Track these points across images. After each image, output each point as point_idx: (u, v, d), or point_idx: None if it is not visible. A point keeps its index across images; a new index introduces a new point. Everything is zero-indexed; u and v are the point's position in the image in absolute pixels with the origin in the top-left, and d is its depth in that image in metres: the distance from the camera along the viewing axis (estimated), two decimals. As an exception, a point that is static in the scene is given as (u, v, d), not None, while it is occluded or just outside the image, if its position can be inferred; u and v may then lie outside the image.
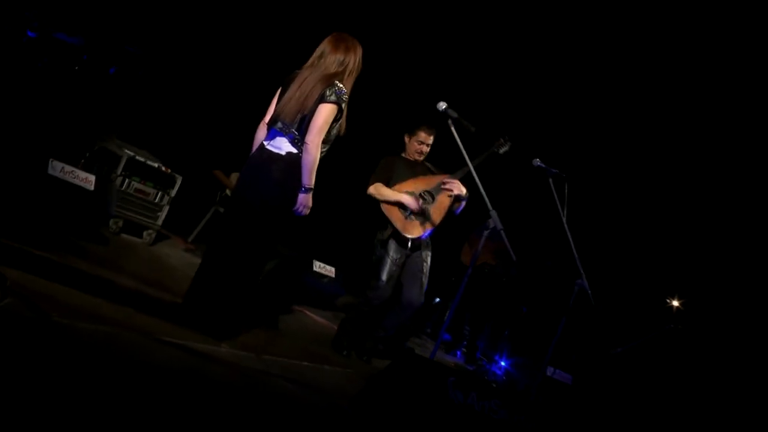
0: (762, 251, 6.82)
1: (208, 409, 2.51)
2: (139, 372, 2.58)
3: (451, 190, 4.54)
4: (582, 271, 4.35)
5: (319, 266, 5.95)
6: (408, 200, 4.50)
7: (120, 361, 2.60)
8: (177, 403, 2.43)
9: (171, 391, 2.52)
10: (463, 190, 4.57)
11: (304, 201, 3.47)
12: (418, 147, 4.69)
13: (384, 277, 4.49)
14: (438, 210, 4.55)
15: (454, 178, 4.58)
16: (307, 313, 5.48)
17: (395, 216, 4.52)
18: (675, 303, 6.58)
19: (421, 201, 4.51)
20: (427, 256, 4.68)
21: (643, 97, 7.20)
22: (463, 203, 4.66)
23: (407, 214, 4.51)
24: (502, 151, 4.61)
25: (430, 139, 4.68)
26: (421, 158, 4.74)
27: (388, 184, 4.60)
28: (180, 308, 3.49)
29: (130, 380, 2.44)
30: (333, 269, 6.08)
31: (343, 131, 3.57)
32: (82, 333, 2.66)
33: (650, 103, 7.22)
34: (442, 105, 3.82)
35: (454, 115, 3.82)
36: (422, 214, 4.51)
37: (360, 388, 3.79)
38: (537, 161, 4.31)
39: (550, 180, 4.28)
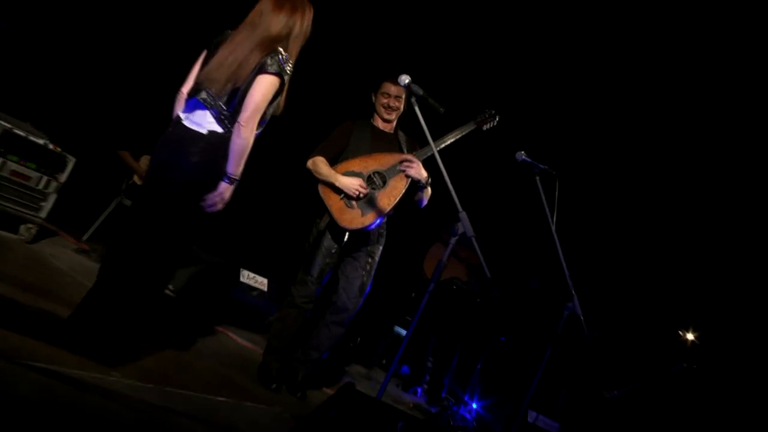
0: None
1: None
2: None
3: (405, 171, 4.49)
4: (573, 292, 4.30)
5: (247, 276, 5.95)
6: (346, 183, 4.45)
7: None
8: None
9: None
10: (423, 174, 4.53)
11: (224, 191, 3.44)
12: (385, 101, 4.69)
13: (314, 271, 4.53)
14: (388, 196, 4.50)
15: (417, 157, 4.55)
16: (230, 334, 5.43)
17: (332, 201, 4.51)
18: (690, 336, 6.54)
19: (366, 186, 4.47)
20: (375, 251, 4.67)
21: (662, 77, 7.19)
22: (425, 193, 4.65)
23: (347, 199, 4.48)
24: (486, 127, 4.60)
25: (397, 90, 4.67)
26: (392, 117, 4.73)
27: (337, 158, 4.59)
28: (66, 324, 3.40)
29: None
30: (265, 281, 6.10)
31: (280, 110, 3.57)
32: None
33: (671, 86, 7.21)
34: (405, 79, 3.78)
35: (420, 92, 3.79)
36: (366, 201, 4.47)
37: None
38: (521, 155, 4.31)
39: (537, 178, 4.27)
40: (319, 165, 4.54)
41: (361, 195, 4.44)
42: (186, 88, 3.55)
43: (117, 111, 6.40)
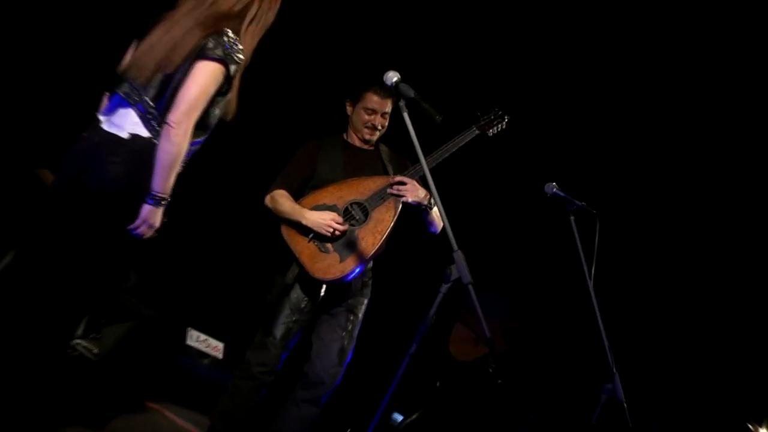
0: None
1: None
2: None
3: (402, 196, 4.40)
4: (615, 370, 4.18)
5: (196, 338, 5.94)
6: (314, 220, 4.32)
7: None
8: None
9: None
10: (421, 194, 4.44)
11: (150, 216, 3.26)
12: (368, 118, 4.60)
13: (277, 332, 4.37)
14: (372, 233, 4.38)
15: (409, 176, 4.45)
16: (167, 413, 5.25)
17: (300, 245, 4.37)
18: (763, 431, 6.42)
19: (342, 220, 4.36)
20: (358, 306, 4.54)
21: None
22: (433, 216, 4.54)
23: (318, 241, 4.33)
24: (492, 132, 4.52)
25: (384, 105, 4.60)
26: (373, 138, 4.67)
27: (303, 188, 4.50)
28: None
29: None
30: (220, 345, 6.11)
31: (232, 113, 3.44)
32: None
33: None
34: (393, 77, 3.61)
35: (410, 93, 3.60)
36: (345, 242, 4.36)
37: None
38: (552, 187, 4.32)
39: (572, 218, 4.27)
40: (280, 200, 4.44)
41: (337, 233, 4.28)
42: None
43: (33, 117, 6.30)
